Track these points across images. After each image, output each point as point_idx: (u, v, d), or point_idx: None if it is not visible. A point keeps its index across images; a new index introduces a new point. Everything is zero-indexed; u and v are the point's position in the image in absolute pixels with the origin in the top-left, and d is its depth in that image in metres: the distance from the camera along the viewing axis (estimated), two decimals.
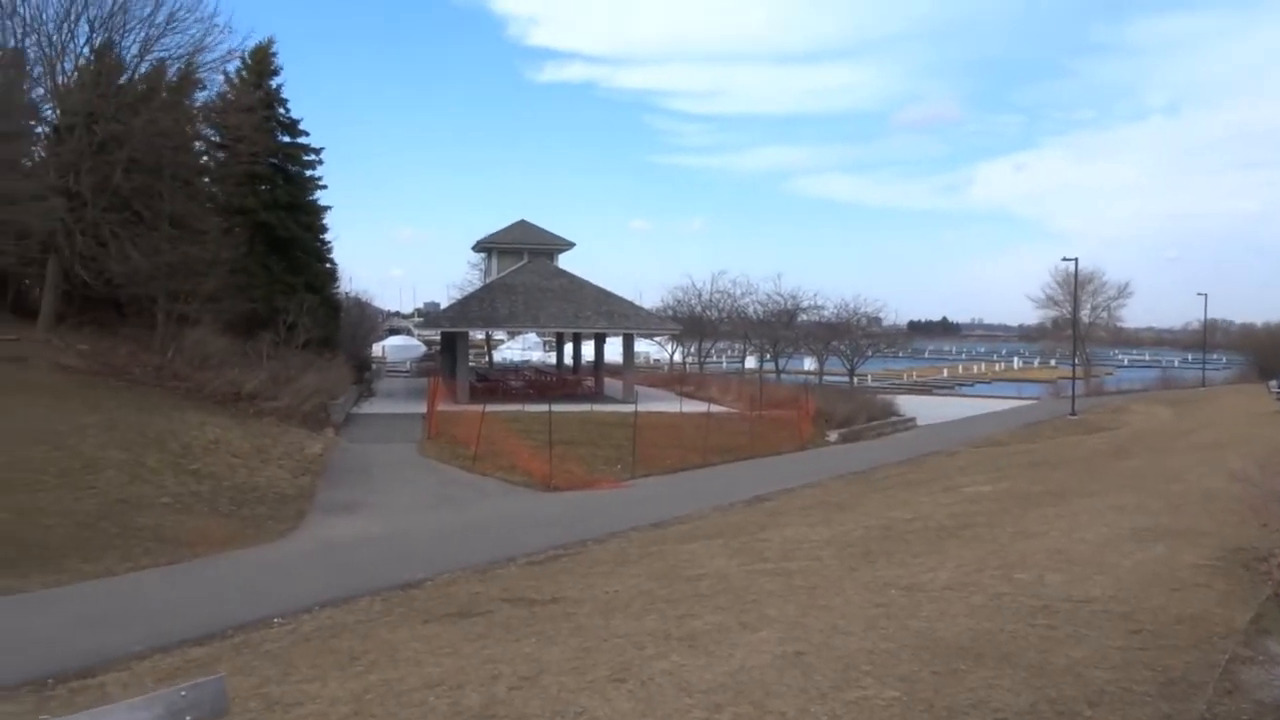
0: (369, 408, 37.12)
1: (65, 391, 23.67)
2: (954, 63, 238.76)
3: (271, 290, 36.01)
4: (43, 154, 31.14)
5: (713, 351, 69.54)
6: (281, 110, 39.97)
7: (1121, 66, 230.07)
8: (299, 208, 40.00)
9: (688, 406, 35.07)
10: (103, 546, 14.01)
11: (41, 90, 30.20)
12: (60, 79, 30.02)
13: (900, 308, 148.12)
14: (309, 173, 41.74)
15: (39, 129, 31.25)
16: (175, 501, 17.50)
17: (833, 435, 33.77)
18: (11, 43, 28.84)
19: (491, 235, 44.45)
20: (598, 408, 33.96)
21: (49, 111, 30.35)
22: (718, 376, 55.14)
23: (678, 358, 68.16)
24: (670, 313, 60.34)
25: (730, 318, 65.39)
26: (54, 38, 29.35)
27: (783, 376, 59.73)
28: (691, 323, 61.07)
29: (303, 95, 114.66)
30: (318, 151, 41.88)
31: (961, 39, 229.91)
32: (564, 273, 43.42)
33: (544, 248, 44.05)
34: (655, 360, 73.70)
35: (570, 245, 44.80)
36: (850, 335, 61.57)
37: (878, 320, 67.41)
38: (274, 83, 39.70)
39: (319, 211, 42.59)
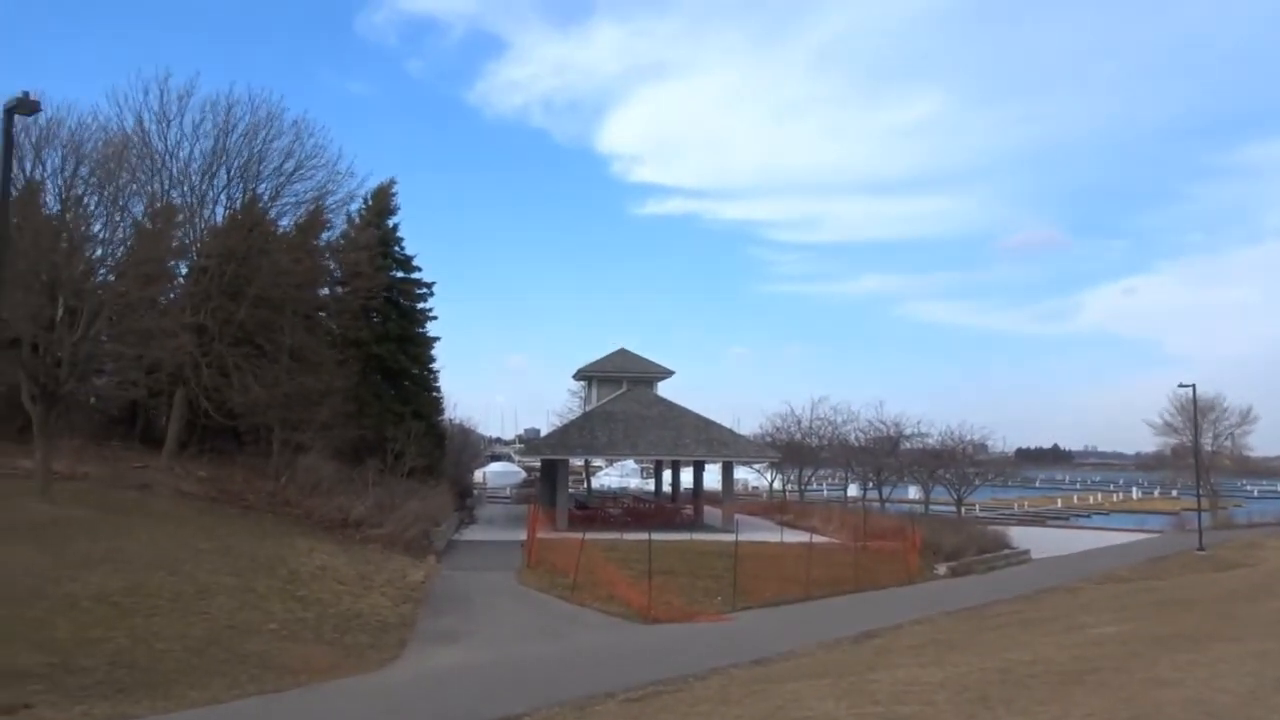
0: (470, 534, 37.45)
1: (184, 518, 24.60)
2: (1055, 189, 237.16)
3: (381, 418, 37.18)
4: (176, 293, 33.28)
5: (813, 479, 68.26)
6: (397, 248, 42.08)
7: (1233, 189, 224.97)
8: (409, 339, 41.60)
9: (788, 536, 34.31)
10: (211, 673, 14.23)
11: (185, 236, 32.56)
12: (200, 225, 32.35)
13: (1008, 435, 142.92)
14: (419, 306, 43.51)
15: (180, 270, 33.51)
16: (282, 628, 17.75)
17: (941, 568, 32.49)
18: (163, 194, 31.44)
19: (592, 364, 45.32)
20: (697, 536, 33.51)
21: (191, 255, 32.56)
22: (819, 505, 53.97)
23: (777, 485, 67.11)
24: (769, 440, 59.78)
25: (831, 445, 64.34)
26: (198, 188, 31.89)
27: (887, 506, 58.12)
28: (791, 450, 60.29)
29: (415, 228, 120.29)
30: (429, 286, 43.79)
31: (1062, 166, 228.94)
32: (663, 400, 43.69)
33: (643, 375, 44.55)
34: (754, 488, 72.67)
35: (669, 373, 45.25)
36: (956, 463, 59.80)
37: (984, 447, 65.39)
38: (391, 221, 42.03)
39: (428, 343, 44.16)
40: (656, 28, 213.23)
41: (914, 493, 64.60)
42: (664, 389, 45.32)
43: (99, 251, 27.46)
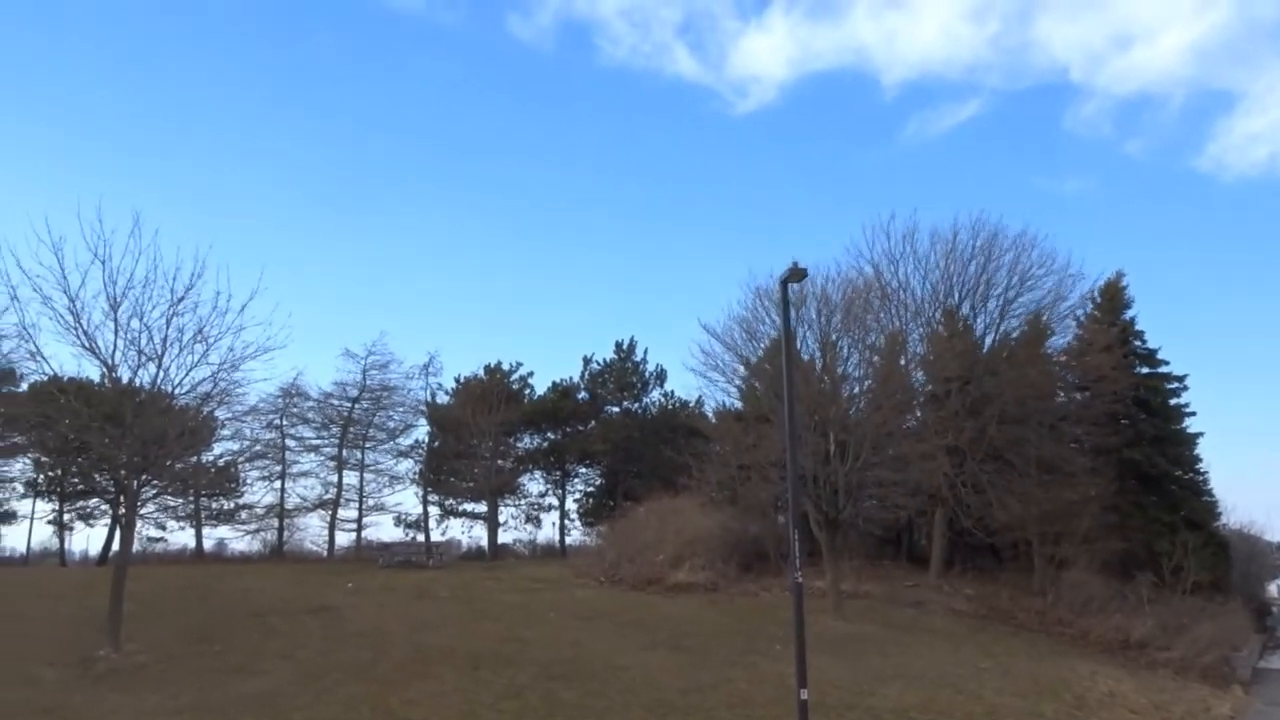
0: (1276, 661, 31.93)
1: (959, 635, 25.20)
2: None
3: (1147, 529, 34.29)
4: (923, 417, 35.29)
5: None
6: (1138, 343, 39.32)
7: None
8: (1166, 440, 37.98)
9: None
10: None
11: (920, 362, 34.86)
12: (936, 350, 34.32)
13: None
14: (1172, 402, 39.66)
15: (919, 396, 35.66)
16: None
17: None
18: (900, 326, 34.38)
19: None
20: None
21: (931, 380, 34.66)
22: None
23: None
24: None
25: None
26: (930, 316, 34.12)
27: None
28: None
29: (1155, 319, 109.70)
30: (1180, 379, 39.73)
31: None
32: None
33: None
34: None
35: None
36: None
37: None
38: (1127, 315, 39.56)
39: (1189, 441, 39.74)
40: None
41: None
42: None
43: (854, 389, 30.56)
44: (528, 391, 48.33)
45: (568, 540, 47.51)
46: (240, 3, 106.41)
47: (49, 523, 42.41)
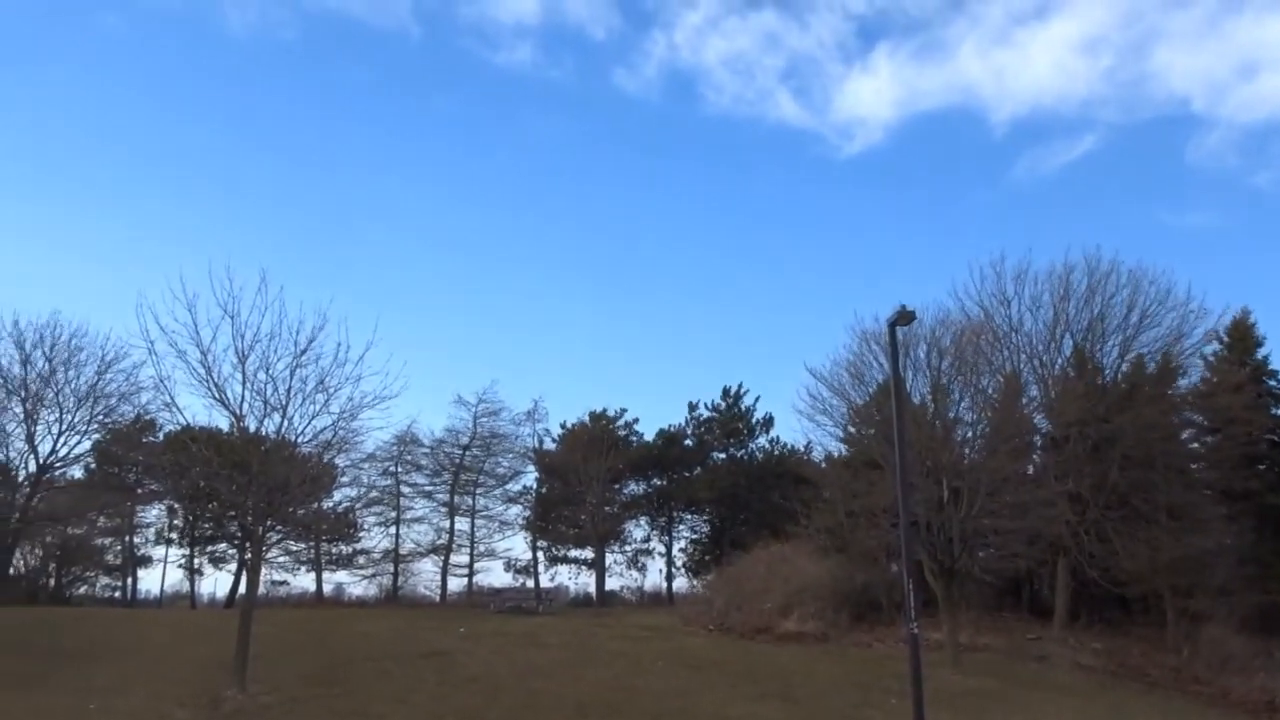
0: None
1: (1086, 692, 24.00)
2: None
3: None
4: (1037, 461, 34.01)
5: None
6: (1273, 382, 37.18)
7: None
8: None
9: None
10: None
11: (1039, 406, 33.72)
12: (1051, 392, 33.14)
13: None
14: None
15: (1037, 440, 34.42)
16: None
17: None
18: (1014, 369, 33.32)
19: None
20: None
21: (1044, 424, 33.51)
22: None
23: None
24: None
25: None
26: (1044, 357, 33.06)
27: None
28: None
29: None
30: None
31: None
32: None
33: None
34: None
35: None
36: None
37: None
38: (1260, 354, 37.51)
39: None
40: None
41: None
42: None
43: (967, 433, 29.74)
44: (634, 438, 48.59)
45: (673, 587, 47.33)
46: (362, 67, 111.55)
47: (179, 566, 44.51)
